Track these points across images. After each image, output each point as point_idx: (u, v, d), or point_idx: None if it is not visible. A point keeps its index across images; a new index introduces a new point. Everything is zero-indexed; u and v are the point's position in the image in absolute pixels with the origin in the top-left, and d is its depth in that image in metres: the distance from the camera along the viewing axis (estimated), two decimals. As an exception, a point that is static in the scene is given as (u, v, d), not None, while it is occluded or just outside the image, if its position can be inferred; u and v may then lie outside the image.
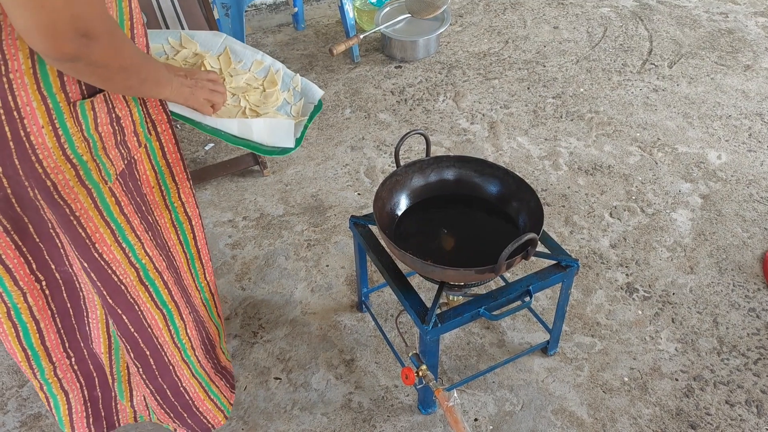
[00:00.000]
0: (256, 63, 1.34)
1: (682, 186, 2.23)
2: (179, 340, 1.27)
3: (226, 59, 1.31)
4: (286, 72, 1.35)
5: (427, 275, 1.45)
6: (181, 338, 1.27)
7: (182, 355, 1.30)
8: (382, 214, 1.49)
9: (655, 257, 1.97)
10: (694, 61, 2.89)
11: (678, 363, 1.68)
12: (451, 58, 2.99)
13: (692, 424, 1.54)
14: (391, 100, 2.72)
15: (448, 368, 1.69)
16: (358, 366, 1.70)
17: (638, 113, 2.59)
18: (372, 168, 2.36)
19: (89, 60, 0.81)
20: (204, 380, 1.39)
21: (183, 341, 1.28)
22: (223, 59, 1.31)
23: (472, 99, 2.70)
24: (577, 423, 1.55)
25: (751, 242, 2.01)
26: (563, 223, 2.10)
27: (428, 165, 1.58)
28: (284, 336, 1.79)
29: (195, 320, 1.33)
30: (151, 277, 1.14)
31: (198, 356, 1.35)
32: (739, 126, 2.50)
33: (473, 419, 1.57)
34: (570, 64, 2.91)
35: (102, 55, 0.82)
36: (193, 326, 1.31)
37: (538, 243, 1.30)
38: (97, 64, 0.83)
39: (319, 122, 2.61)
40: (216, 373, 1.46)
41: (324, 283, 1.94)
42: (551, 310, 1.81)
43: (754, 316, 1.79)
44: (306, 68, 2.97)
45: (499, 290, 1.43)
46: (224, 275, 1.98)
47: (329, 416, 1.59)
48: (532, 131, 2.52)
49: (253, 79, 1.31)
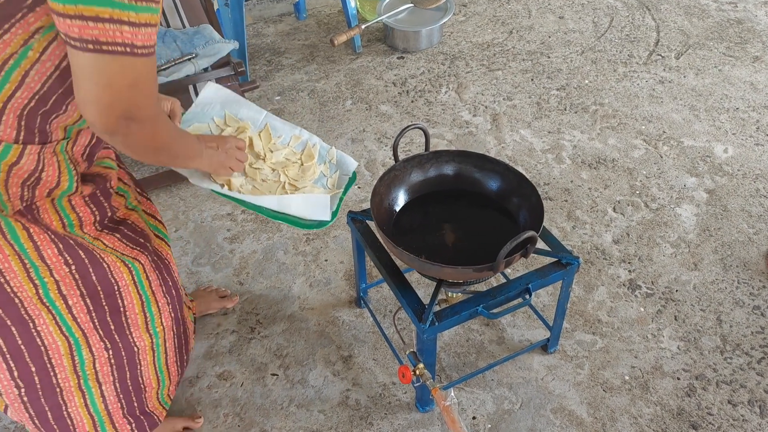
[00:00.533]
0: (294, 138, 1.41)
1: (688, 180, 2.20)
2: (83, 369, 1.20)
3: (266, 135, 1.38)
4: (322, 145, 1.42)
5: (425, 273, 1.42)
6: (85, 369, 1.20)
7: (80, 383, 1.22)
8: (380, 210, 1.47)
9: (659, 253, 1.94)
10: (702, 52, 2.84)
11: (680, 362, 1.65)
12: (454, 48, 2.95)
13: (694, 425, 1.52)
14: (392, 91, 2.69)
15: (447, 365, 1.67)
16: (356, 362, 1.68)
17: (644, 105, 2.55)
18: (373, 161, 2.34)
19: (126, 138, 0.89)
20: (99, 415, 1.29)
21: (87, 372, 1.21)
22: (264, 135, 1.38)
23: (475, 91, 2.67)
24: (576, 422, 1.53)
25: (757, 238, 1.98)
26: (565, 218, 2.07)
27: (427, 160, 1.55)
28: (282, 332, 1.77)
29: (116, 356, 1.24)
30: (51, 297, 1.09)
31: (105, 390, 1.26)
32: (746, 119, 2.45)
33: (471, 417, 1.55)
34: (575, 55, 2.87)
35: (139, 137, 0.91)
36: (107, 362, 1.23)
37: (537, 241, 1.27)
38: (133, 143, 0.91)
39: (320, 114, 2.58)
40: (126, 415, 1.34)
41: (322, 278, 1.92)
42: (551, 306, 1.79)
43: (758, 314, 1.76)
44: (307, 59, 2.94)
45: (498, 288, 1.41)
46: (222, 269, 1.96)
47: (326, 413, 1.58)
48: (535, 124, 2.48)
49: (292, 153, 1.39)
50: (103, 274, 1.13)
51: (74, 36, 0.76)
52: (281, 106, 2.65)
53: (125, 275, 1.17)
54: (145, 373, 1.32)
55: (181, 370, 1.46)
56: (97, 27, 0.75)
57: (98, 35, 0.76)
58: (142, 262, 1.20)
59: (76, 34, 0.76)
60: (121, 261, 1.16)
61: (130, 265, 1.18)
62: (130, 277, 1.18)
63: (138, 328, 1.25)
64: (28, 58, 0.84)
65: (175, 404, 1.61)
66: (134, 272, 1.19)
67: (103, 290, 1.15)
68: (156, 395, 1.39)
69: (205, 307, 1.81)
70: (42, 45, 0.84)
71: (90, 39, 0.76)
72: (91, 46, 0.77)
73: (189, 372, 1.68)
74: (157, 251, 1.28)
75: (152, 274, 1.23)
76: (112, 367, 1.25)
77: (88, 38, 0.76)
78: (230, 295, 1.85)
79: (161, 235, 1.35)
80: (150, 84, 0.86)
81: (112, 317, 1.19)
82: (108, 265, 1.13)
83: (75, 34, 0.76)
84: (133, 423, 1.36)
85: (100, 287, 1.14)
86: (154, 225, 1.34)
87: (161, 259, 1.28)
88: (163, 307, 1.28)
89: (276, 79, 2.81)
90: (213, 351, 1.73)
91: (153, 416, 1.41)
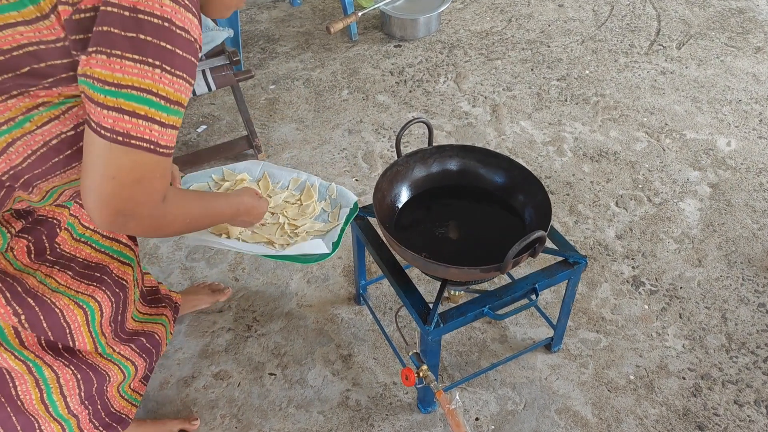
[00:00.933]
0: (293, 181, 1.43)
1: (691, 174, 2.16)
2: (46, 385, 1.15)
3: (265, 183, 1.42)
4: (321, 183, 1.43)
5: (430, 273, 1.38)
6: (48, 383, 1.16)
7: (42, 396, 1.17)
8: (383, 206, 1.42)
9: (662, 249, 1.91)
10: (704, 42, 2.80)
11: (685, 361, 1.63)
12: (453, 37, 2.89)
13: (700, 425, 1.49)
14: (390, 80, 2.63)
15: (449, 364, 1.63)
16: (356, 362, 1.64)
17: (645, 97, 2.51)
18: (370, 153, 2.28)
19: (126, 230, 0.86)
20: (67, 423, 1.24)
21: (50, 386, 1.17)
22: (262, 184, 1.42)
23: (474, 80, 2.61)
24: (581, 423, 1.50)
25: (761, 234, 1.95)
26: (567, 213, 2.04)
27: (430, 155, 1.50)
28: (279, 330, 1.73)
29: (79, 371, 1.20)
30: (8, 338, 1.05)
31: (70, 402, 1.21)
32: (749, 111, 2.42)
33: (474, 419, 1.52)
34: (575, 44, 2.82)
35: (139, 231, 0.88)
36: (72, 378, 1.19)
37: (546, 241, 1.23)
38: (136, 233, 0.89)
39: (316, 104, 2.52)
40: (92, 420, 1.29)
41: (320, 274, 1.87)
42: (555, 303, 1.76)
43: (764, 311, 1.74)
44: (302, 46, 2.87)
45: (504, 288, 1.37)
46: (217, 265, 1.91)
47: (326, 414, 1.54)
48: (535, 115, 2.44)
49: (291, 195, 1.41)
50: (54, 320, 1.09)
51: (106, 126, 0.77)
52: (276, 95, 2.58)
53: (78, 317, 1.12)
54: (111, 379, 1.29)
55: (149, 365, 1.39)
56: (131, 122, 0.77)
57: (130, 129, 0.77)
58: (98, 299, 1.16)
59: (109, 125, 0.77)
60: (75, 302, 1.11)
61: (84, 306, 1.13)
62: (83, 318, 1.13)
63: (92, 355, 1.21)
64: (23, 128, 0.83)
65: (170, 405, 1.57)
66: (88, 312, 1.14)
67: (54, 335, 1.10)
68: (117, 389, 1.33)
69: (197, 302, 1.76)
70: (42, 120, 0.83)
71: (122, 132, 0.77)
72: (120, 138, 0.77)
73: (184, 371, 1.64)
74: (118, 280, 1.23)
75: (107, 310, 1.19)
76: (79, 381, 1.20)
77: (120, 131, 0.77)
78: (223, 288, 1.80)
79: (125, 260, 1.28)
80: (157, 183, 0.84)
81: (65, 349, 1.16)
82: (60, 310, 1.09)
83: (108, 124, 0.77)
84: (101, 427, 1.30)
85: (51, 333, 1.09)
86: (117, 250, 1.26)
87: (122, 288, 1.23)
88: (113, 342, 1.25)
89: (270, 67, 2.75)
90: (209, 350, 1.69)
91: (121, 415, 1.34)
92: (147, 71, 0.76)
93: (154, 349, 1.38)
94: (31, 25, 0.75)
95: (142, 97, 0.77)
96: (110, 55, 0.74)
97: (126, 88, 0.75)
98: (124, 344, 1.28)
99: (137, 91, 0.76)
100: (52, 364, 1.14)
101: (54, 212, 1.13)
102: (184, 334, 1.72)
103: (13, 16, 0.75)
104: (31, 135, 0.84)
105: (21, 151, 0.84)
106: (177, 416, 1.54)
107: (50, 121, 0.83)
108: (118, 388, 1.33)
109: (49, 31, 0.76)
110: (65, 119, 0.85)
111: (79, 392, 1.22)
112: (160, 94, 0.78)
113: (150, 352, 1.37)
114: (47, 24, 0.76)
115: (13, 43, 0.76)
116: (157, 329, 1.41)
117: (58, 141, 0.86)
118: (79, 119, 0.86)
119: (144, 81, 0.76)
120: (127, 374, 1.31)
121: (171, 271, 1.90)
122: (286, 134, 2.38)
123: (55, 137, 0.86)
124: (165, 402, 1.57)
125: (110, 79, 0.75)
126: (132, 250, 1.31)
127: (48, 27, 0.76)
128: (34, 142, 0.85)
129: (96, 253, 1.22)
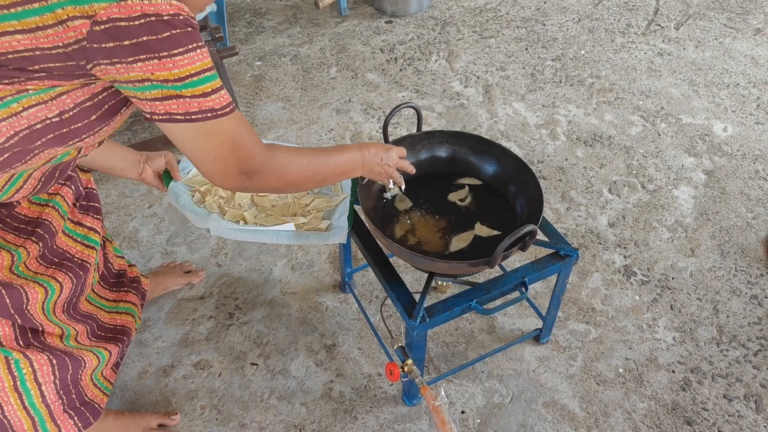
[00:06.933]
0: None
1: (686, 160, 2.12)
2: (19, 371, 1.13)
3: None
4: None
5: (416, 266, 1.33)
6: (21, 369, 1.13)
7: (16, 384, 1.14)
8: (369, 195, 1.37)
9: (655, 238, 1.88)
10: (702, 23, 2.73)
11: (675, 353, 1.60)
12: (446, 13, 2.80)
13: (688, 420, 1.47)
14: (380, 58, 2.55)
15: (435, 355, 1.60)
16: (340, 352, 1.60)
17: (642, 79, 2.45)
18: (359, 134, 2.22)
19: (257, 188, 1.01)
20: (39, 414, 1.20)
21: (24, 372, 1.14)
22: None
23: (467, 59, 2.54)
24: (569, 417, 1.48)
25: (756, 223, 1.91)
26: (560, 199, 1.99)
27: (419, 141, 1.44)
28: (262, 318, 1.68)
29: (54, 357, 1.18)
30: None
31: (45, 390, 1.18)
32: (747, 96, 2.36)
33: (460, 412, 1.49)
34: (571, 23, 2.74)
35: (266, 183, 1.01)
36: (46, 363, 1.16)
37: (537, 234, 1.18)
38: (265, 190, 1.04)
39: (303, 82, 2.44)
40: (67, 410, 1.25)
41: (305, 261, 1.82)
42: (544, 293, 1.72)
43: (755, 303, 1.71)
44: (290, 21, 2.77)
45: (493, 281, 1.32)
46: (199, 250, 1.85)
47: (308, 406, 1.50)
48: (529, 96, 2.37)
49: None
50: (17, 296, 1.06)
51: (178, 114, 0.86)
52: (262, 72, 2.50)
53: (39, 295, 1.10)
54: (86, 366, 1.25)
55: (120, 351, 1.35)
56: (196, 101, 0.86)
57: (194, 108, 0.86)
58: (60, 280, 1.14)
59: (181, 111, 0.86)
60: (37, 283, 1.10)
61: (46, 286, 1.11)
62: (43, 296, 1.11)
63: (53, 336, 1.18)
64: (9, 109, 0.83)
65: (149, 395, 1.52)
66: (49, 291, 1.12)
67: (12, 304, 1.07)
68: (91, 377, 1.29)
69: (169, 283, 1.72)
70: (30, 102, 0.83)
71: (180, 112, 0.86)
72: (180, 117, 0.86)
73: (163, 361, 1.59)
74: (82, 263, 1.21)
75: (66, 291, 1.17)
76: (54, 367, 1.17)
77: (175, 112, 0.86)
78: (195, 270, 1.75)
79: (90, 243, 1.25)
80: (245, 135, 0.94)
81: (36, 336, 1.14)
82: (21, 287, 1.07)
83: (180, 111, 0.86)
84: (75, 417, 1.27)
85: (10, 303, 1.07)
86: (81, 234, 1.23)
87: (85, 271, 1.21)
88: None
89: (257, 42, 2.65)
90: (189, 338, 1.64)
91: (93, 404, 1.30)
92: (194, 57, 0.84)
93: (124, 336, 1.35)
94: (30, 33, 0.78)
95: (202, 78, 0.86)
96: (161, 58, 0.81)
97: (188, 78, 0.84)
98: (75, 323, 1.24)
99: (196, 76, 0.85)
100: (24, 351, 1.10)
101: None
102: (164, 322, 1.67)
103: (13, 25, 0.77)
104: (17, 117, 0.85)
105: (4, 131, 0.85)
106: (156, 407, 1.50)
107: (37, 104, 0.85)
108: (91, 376, 1.29)
109: (47, 40, 0.78)
110: (52, 105, 0.86)
111: (55, 380, 1.18)
112: (205, 68, 0.86)
113: (121, 340, 1.33)
114: (49, 33, 0.77)
115: (9, 49, 0.79)
116: (125, 318, 1.38)
117: (42, 126, 0.87)
118: (65, 107, 0.87)
119: (195, 65, 0.84)
120: (101, 359, 1.28)
121: (151, 256, 1.84)
122: (272, 113, 2.31)
123: (40, 122, 0.87)
124: (143, 392, 1.53)
125: (171, 77, 0.83)
126: (97, 233, 1.27)
127: (48, 36, 0.77)
128: (18, 125, 0.86)
129: (63, 237, 1.18)
